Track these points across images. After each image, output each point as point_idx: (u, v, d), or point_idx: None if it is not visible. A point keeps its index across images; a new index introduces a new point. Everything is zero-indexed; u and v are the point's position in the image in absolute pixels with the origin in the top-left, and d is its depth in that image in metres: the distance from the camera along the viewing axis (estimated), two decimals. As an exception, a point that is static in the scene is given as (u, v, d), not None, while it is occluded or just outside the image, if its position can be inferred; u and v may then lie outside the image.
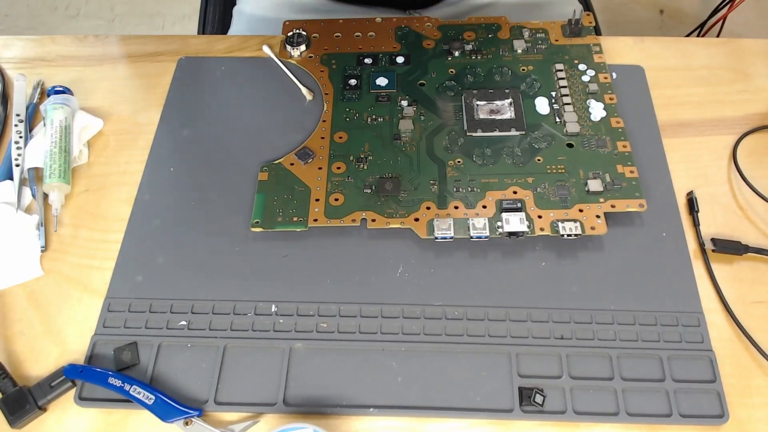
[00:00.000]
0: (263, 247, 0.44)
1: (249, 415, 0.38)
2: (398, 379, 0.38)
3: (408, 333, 0.40)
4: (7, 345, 0.41)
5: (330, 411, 0.37)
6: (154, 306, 0.41)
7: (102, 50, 0.56)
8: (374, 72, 0.51)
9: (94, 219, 0.46)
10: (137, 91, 0.53)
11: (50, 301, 0.42)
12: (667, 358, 0.39)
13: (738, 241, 0.43)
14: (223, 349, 0.40)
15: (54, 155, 0.46)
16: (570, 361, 0.39)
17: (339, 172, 0.46)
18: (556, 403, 0.37)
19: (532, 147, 0.47)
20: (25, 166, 0.47)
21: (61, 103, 0.49)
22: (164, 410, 0.37)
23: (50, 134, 0.47)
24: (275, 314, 0.41)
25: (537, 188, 0.44)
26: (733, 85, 0.52)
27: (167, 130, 0.50)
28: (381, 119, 0.49)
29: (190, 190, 0.47)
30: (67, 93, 0.51)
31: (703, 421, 0.37)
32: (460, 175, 0.45)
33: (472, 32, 0.54)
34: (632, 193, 0.44)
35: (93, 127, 0.50)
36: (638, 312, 0.40)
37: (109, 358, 0.39)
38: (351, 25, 0.55)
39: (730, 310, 0.41)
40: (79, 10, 1.54)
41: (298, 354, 0.39)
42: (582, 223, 0.42)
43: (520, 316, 0.40)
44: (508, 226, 0.42)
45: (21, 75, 0.53)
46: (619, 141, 0.47)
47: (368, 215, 0.43)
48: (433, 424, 0.37)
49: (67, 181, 0.46)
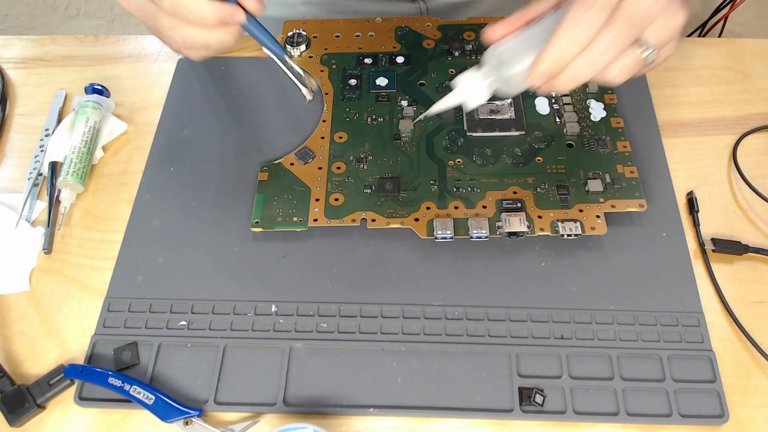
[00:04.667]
0: (263, 247, 0.44)
1: (249, 415, 0.38)
2: (398, 379, 0.38)
3: (408, 333, 0.40)
4: (6, 345, 0.41)
5: (330, 411, 0.37)
6: (154, 306, 0.41)
7: (102, 50, 0.56)
8: (374, 72, 0.51)
9: (94, 219, 0.46)
10: (137, 91, 0.53)
11: (50, 301, 0.42)
12: (667, 358, 0.39)
13: (738, 241, 0.43)
14: (223, 349, 0.40)
15: (82, 154, 0.46)
16: (570, 361, 0.39)
17: (339, 172, 0.46)
18: (556, 403, 0.37)
19: (532, 147, 0.47)
20: (47, 159, 0.47)
21: (99, 104, 0.49)
22: (164, 410, 0.37)
23: (82, 132, 0.47)
24: (275, 314, 0.41)
25: (537, 188, 0.44)
26: (733, 85, 0.52)
27: (167, 130, 0.50)
28: (381, 119, 0.49)
29: (190, 190, 0.46)
30: (105, 93, 0.51)
31: (703, 421, 0.37)
32: (460, 175, 0.45)
33: (472, 32, 0.54)
34: (632, 193, 0.44)
35: (117, 130, 0.50)
36: (638, 312, 0.40)
37: (109, 358, 0.39)
38: (351, 25, 0.55)
39: (730, 310, 0.41)
40: (79, 10, 1.54)
41: (298, 354, 0.39)
42: (582, 223, 0.42)
43: (520, 316, 0.40)
44: (508, 226, 0.42)
45: (61, 91, 0.53)
46: (619, 141, 0.47)
47: (368, 215, 0.43)
48: (433, 424, 0.37)
49: (83, 183, 0.46)
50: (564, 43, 0.34)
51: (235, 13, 0.39)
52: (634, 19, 0.34)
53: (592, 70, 0.35)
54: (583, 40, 0.34)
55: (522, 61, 0.37)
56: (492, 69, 0.38)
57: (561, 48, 0.34)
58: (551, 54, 0.34)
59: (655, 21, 0.35)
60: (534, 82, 0.36)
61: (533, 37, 0.37)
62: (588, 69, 0.35)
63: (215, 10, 0.38)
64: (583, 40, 0.34)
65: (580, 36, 0.34)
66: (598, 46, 0.34)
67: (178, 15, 0.38)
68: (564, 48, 0.34)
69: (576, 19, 0.34)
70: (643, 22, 0.34)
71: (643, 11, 0.34)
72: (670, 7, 0.35)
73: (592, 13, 0.33)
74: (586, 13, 0.34)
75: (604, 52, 0.34)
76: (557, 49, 0.34)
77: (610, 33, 0.34)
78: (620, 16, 0.34)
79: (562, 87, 0.36)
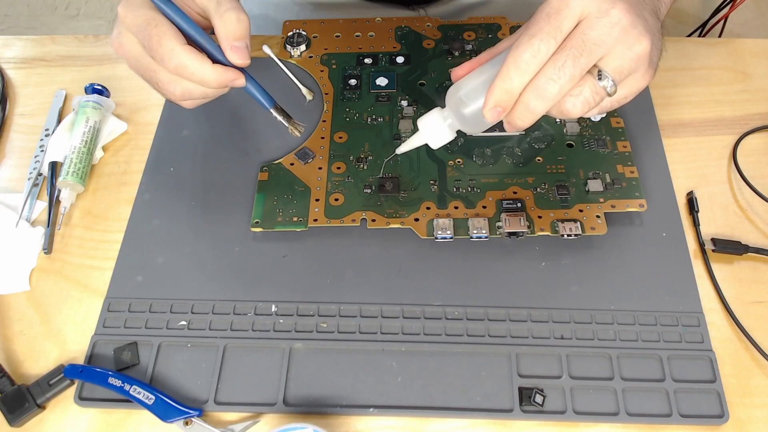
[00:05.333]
0: (263, 247, 0.44)
1: (249, 415, 0.38)
2: (398, 379, 0.38)
3: (408, 333, 0.40)
4: (6, 345, 0.41)
5: (330, 411, 0.37)
6: (154, 306, 0.41)
7: (102, 50, 0.56)
8: (374, 72, 0.51)
9: (94, 219, 0.46)
10: (137, 91, 0.53)
11: (50, 301, 0.42)
12: (667, 358, 0.39)
13: (738, 241, 0.43)
14: (223, 349, 0.40)
15: (82, 154, 0.46)
16: (570, 361, 0.39)
17: (339, 172, 0.46)
18: (556, 403, 0.37)
19: (532, 147, 0.47)
20: (47, 159, 0.47)
21: (99, 104, 0.49)
22: (164, 410, 0.37)
23: (82, 131, 0.47)
24: (275, 314, 0.41)
25: (537, 188, 0.44)
26: (733, 85, 0.52)
27: (167, 130, 0.50)
28: (381, 119, 0.49)
29: (190, 190, 0.47)
30: (105, 93, 0.51)
31: (703, 421, 0.37)
32: (460, 175, 0.45)
33: (472, 32, 0.54)
34: (632, 193, 0.44)
35: (117, 130, 0.50)
36: (638, 312, 0.40)
37: (109, 358, 0.39)
38: (351, 25, 0.55)
39: (730, 310, 0.41)
40: (79, 10, 1.54)
41: (298, 354, 0.39)
42: (582, 223, 0.42)
43: (520, 316, 0.40)
44: (508, 226, 0.42)
45: (61, 91, 0.53)
46: (619, 141, 0.47)
47: (368, 215, 0.43)
48: (433, 424, 0.37)
49: (83, 183, 0.46)
50: (511, 71, 0.33)
51: (237, 79, 0.38)
52: (585, 46, 0.32)
53: (543, 101, 0.33)
54: (530, 68, 0.33)
55: (477, 99, 0.36)
56: (451, 109, 0.38)
57: (509, 77, 0.33)
58: (499, 85, 0.33)
59: (612, 49, 0.33)
60: (488, 117, 0.35)
61: (489, 75, 0.36)
62: (539, 100, 0.33)
63: (219, 76, 0.37)
64: (529, 69, 0.33)
65: (525, 65, 0.32)
66: (545, 74, 0.33)
67: (182, 76, 0.37)
68: (511, 77, 0.33)
69: (521, 47, 0.33)
70: (595, 49, 0.33)
71: (595, 38, 0.32)
72: (629, 34, 0.33)
73: (537, 40, 0.32)
74: (531, 41, 0.32)
75: (552, 80, 0.32)
76: (505, 79, 0.33)
77: (558, 60, 0.32)
78: (569, 43, 0.33)
79: (519, 122, 0.34)
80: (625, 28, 0.33)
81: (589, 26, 0.32)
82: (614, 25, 0.33)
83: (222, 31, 0.37)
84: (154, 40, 0.36)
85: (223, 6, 0.37)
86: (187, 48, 0.36)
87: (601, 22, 0.32)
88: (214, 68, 0.37)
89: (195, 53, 0.37)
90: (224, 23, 0.37)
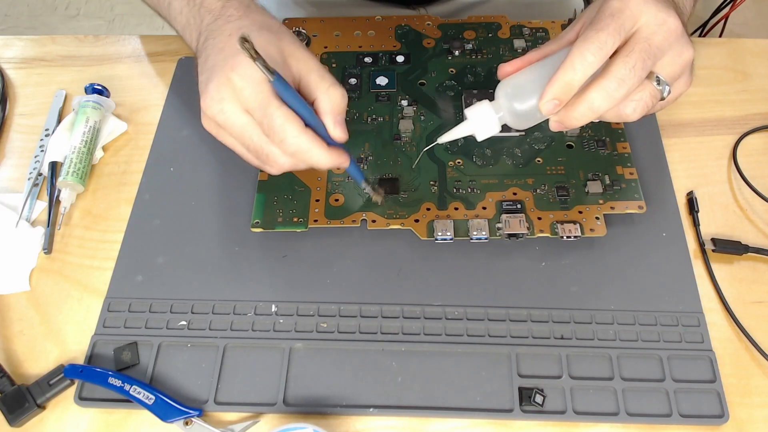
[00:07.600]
0: (263, 247, 0.43)
1: (249, 415, 0.38)
2: (398, 379, 0.38)
3: (408, 333, 0.40)
4: (6, 345, 0.41)
5: (330, 411, 0.37)
6: (154, 306, 0.41)
7: (102, 50, 0.56)
8: (374, 71, 0.51)
9: (94, 219, 0.46)
10: (137, 91, 0.53)
11: (50, 301, 0.42)
12: (667, 358, 0.39)
13: (738, 241, 0.43)
14: (223, 349, 0.40)
15: (82, 154, 0.46)
16: (570, 361, 0.39)
17: (339, 172, 0.46)
18: (556, 403, 0.37)
19: (532, 148, 0.47)
20: (47, 159, 0.47)
21: (99, 104, 0.49)
22: (164, 410, 0.37)
23: (82, 131, 0.47)
24: (275, 314, 0.41)
25: (537, 189, 0.44)
26: (733, 85, 0.52)
27: (167, 130, 0.50)
28: (381, 119, 0.49)
29: (190, 190, 0.46)
30: (105, 93, 0.51)
31: (703, 421, 0.37)
32: (460, 176, 0.45)
33: (473, 31, 0.54)
34: (632, 194, 0.44)
35: (117, 130, 0.50)
36: (638, 312, 0.40)
37: (109, 358, 0.39)
38: (351, 24, 0.55)
39: (730, 310, 0.41)
40: (79, 10, 1.54)
41: (298, 354, 0.39)
42: (581, 224, 0.42)
43: (520, 316, 0.40)
44: (508, 227, 0.42)
45: (61, 91, 0.53)
46: (619, 142, 0.47)
47: (368, 216, 0.43)
48: (433, 424, 0.37)
49: (83, 183, 0.46)
50: (575, 64, 0.33)
51: (345, 161, 0.39)
52: (651, 50, 0.34)
53: (608, 101, 0.34)
54: (595, 62, 0.33)
55: (532, 96, 0.36)
56: (503, 103, 0.38)
57: (572, 69, 0.33)
58: (561, 77, 0.34)
59: (667, 53, 0.34)
60: (544, 109, 0.35)
61: (544, 72, 0.36)
62: (605, 100, 0.34)
63: (332, 160, 0.38)
64: (594, 63, 0.33)
65: (591, 58, 0.33)
66: (616, 74, 0.33)
67: (298, 158, 0.37)
68: (575, 69, 0.33)
69: (587, 41, 0.33)
70: (657, 53, 0.34)
71: (659, 42, 0.34)
72: (681, 40, 0.35)
73: (605, 34, 0.33)
74: (597, 35, 0.33)
75: (622, 83, 0.33)
76: (568, 71, 0.34)
77: (628, 62, 0.33)
78: (637, 45, 0.33)
79: (575, 119, 0.35)
80: (678, 36, 0.35)
81: (653, 32, 0.34)
82: (671, 32, 0.34)
83: (327, 106, 0.37)
84: (277, 122, 0.36)
85: (327, 80, 0.37)
86: (309, 134, 0.37)
87: (662, 29, 0.34)
88: (329, 153, 0.37)
89: (316, 139, 0.37)
90: (330, 98, 0.37)
